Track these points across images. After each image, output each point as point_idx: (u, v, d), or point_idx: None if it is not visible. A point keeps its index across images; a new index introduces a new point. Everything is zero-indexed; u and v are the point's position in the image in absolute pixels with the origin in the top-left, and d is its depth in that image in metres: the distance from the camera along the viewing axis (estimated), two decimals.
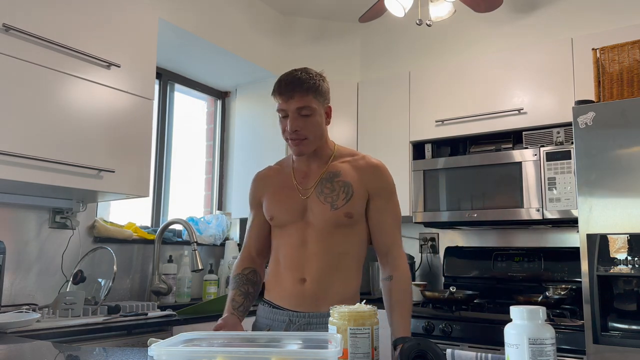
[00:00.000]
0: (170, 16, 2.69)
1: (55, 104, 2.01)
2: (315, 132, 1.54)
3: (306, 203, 1.55)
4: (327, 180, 1.55)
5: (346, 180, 1.54)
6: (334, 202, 1.52)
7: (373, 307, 1.04)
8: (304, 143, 1.53)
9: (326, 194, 1.54)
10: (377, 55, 3.55)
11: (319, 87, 1.54)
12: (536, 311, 0.87)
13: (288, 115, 1.51)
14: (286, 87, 1.51)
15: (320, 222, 1.53)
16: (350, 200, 1.52)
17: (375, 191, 1.56)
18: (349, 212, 1.51)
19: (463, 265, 3.05)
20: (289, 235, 1.56)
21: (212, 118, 3.63)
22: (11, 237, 2.23)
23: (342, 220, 1.52)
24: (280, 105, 1.53)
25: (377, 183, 1.56)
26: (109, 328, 1.92)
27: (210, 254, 3.21)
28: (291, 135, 1.52)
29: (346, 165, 1.58)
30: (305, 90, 1.50)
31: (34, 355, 1.33)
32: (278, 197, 1.59)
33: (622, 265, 2.01)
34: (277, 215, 1.58)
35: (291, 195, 1.57)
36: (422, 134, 3.06)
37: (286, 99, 1.50)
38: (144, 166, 2.33)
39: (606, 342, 2.00)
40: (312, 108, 1.52)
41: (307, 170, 1.61)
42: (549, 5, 2.97)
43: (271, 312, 1.56)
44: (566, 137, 2.60)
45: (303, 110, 1.50)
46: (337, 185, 1.54)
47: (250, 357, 0.82)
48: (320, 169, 1.59)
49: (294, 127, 1.50)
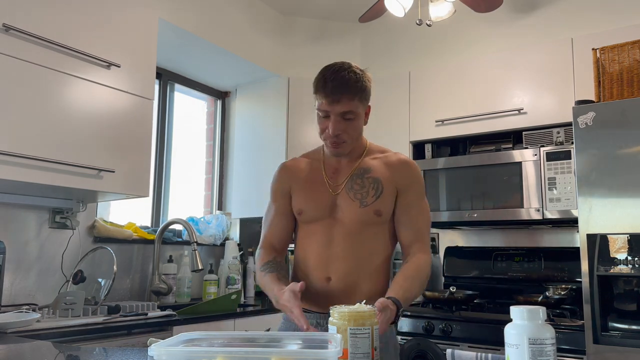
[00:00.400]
0: (170, 16, 2.69)
1: (55, 104, 2.01)
2: (355, 135, 1.51)
3: (335, 199, 1.51)
4: (358, 177, 1.52)
5: (376, 177, 1.51)
6: (363, 198, 1.49)
7: (373, 307, 1.04)
8: (342, 146, 1.49)
9: (356, 190, 1.50)
10: (377, 55, 3.55)
11: (365, 90, 1.48)
12: (536, 311, 0.87)
13: (329, 117, 1.45)
14: (333, 90, 1.42)
15: (348, 219, 1.49)
16: (380, 197, 1.49)
17: (404, 187, 1.52)
18: (378, 210, 1.48)
19: (463, 265, 3.05)
20: (315, 233, 1.52)
21: (212, 118, 3.63)
22: (11, 237, 2.23)
23: (371, 217, 1.48)
24: (322, 106, 1.45)
25: (406, 179, 1.53)
26: (109, 328, 1.92)
27: (210, 254, 3.21)
28: (332, 138, 1.47)
29: (377, 161, 1.55)
30: (352, 94, 1.43)
31: (34, 355, 1.33)
32: (308, 191, 1.54)
33: (622, 265, 2.01)
34: (307, 210, 1.53)
35: (321, 191, 1.53)
36: (422, 134, 3.06)
37: (331, 101, 1.43)
38: (144, 166, 2.33)
39: (606, 342, 2.00)
40: (356, 113, 1.46)
41: (337, 165, 1.56)
42: (549, 5, 2.97)
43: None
44: (566, 137, 2.60)
45: (347, 115, 1.45)
46: (367, 181, 1.51)
47: (250, 357, 0.82)
48: (351, 165, 1.55)
49: (336, 131, 1.45)
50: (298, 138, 3.25)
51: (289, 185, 1.59)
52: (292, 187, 1.58)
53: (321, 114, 1.47)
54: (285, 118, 3.28)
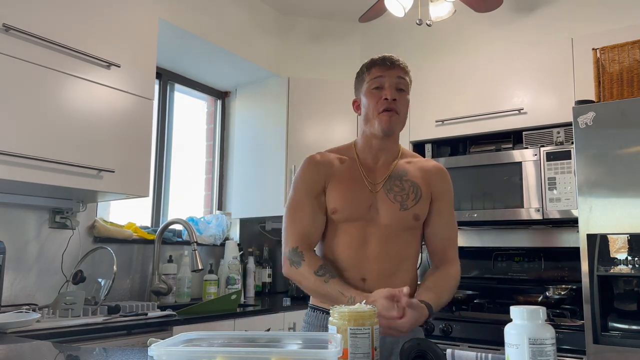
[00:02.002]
0: (170, 16, 2.69)
1: (55, 104, 2.01)
2: (405, 111, 1.51)
3: (374, 199, 1.46)
4: (397, 178, 1.48)
5: (415, 181, 1.48)
6: (404, 201, 1.45)
7: (373, 307, 1.04)
8: (395, 119, 1.46)
9: (396, 192, 1.46)
10: (377, 55, 3.54)
11: (410, 75, 1.55)
12: (536, 311, 0.87)
13: (383, 87, 1.47)
14: (389, 59, 1.49)
15: (387, 221, 1.44)
16: (420, 201, 1.46)
17: (439, 194, 1.51)
18: (417, 214, 1.46)
19: (463, 265, 3.01)
20: (348, 233, 1.45)
21: (212, 118, 3.63)
22: (11, 237, 2.23)
23: (409, 222, 1.45)
24: (376, 74, 1.48)
25: (441, 186, 1.52)
26: (109, 328, 1.92)
27: (210, 254, 3.21)
28: (389, 104, 1.44)
29: (412, 166, 1.53)
30: (404, 68, 1.51)
31: (34, 355, 1.33)
32: (345, 188, 1.46)
33: (622, 265, 2.01)
34: (343, 209, 1.44)
35: (359, 189, 1.46)
36: (422, 134, 3.06)
37: (387, 67, 1.47)
38: (144, 166, 2.33)
39: (606, 342, 2.00)
40: (407, 84, 1.51)
41: (373, 164, 1.51)
42: (549, 5, 2.97)
43: (321, 318, 1.46)
44: (566, 137, 2.60)
45: (401, 83, 1.48)
46: (407, 184, 1.47)
47: (250, 357, 0.82)
48: (387, 165, 1.50)
49: (394, 95, 1.45)
50: (298, 138, 3.25)
51: (324, 181, 1.48)
52: (328, 183, 1.48)
53: (374, 86, 1.48)
54: (285, 118, 3.28)
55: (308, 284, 1.41)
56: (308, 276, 1.40)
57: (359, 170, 1.49)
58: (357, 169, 1.50)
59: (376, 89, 1.47)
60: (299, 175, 1.51)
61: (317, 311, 1.48)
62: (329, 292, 1.36)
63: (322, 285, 1.38)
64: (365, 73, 1.51)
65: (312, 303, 1.52)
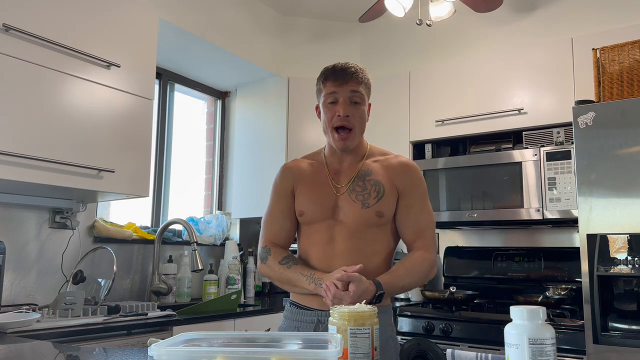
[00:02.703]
0: (170, 16, 2.69)
1: (55, 104, 2.01)
2: (361, 124, 1.55)
3: (337, 201, 1.54)
4: (360, 179, 1.55)
5: (377, 179, 1.54)
6: (365, 200, 1.51)
7: (373, 307, 1.04)
8: (350, 137, 1.52)
9: (358, 192, 1.53)
10: (377, 55, 3.55)
11: (368, 82, 1.57)
12: (536, 311, 0.87)
13: (337, 102, 1.51)
14: (341, 73, 1.52)
15: (350, 220, 1.51)
16: (382, 199, 1.52)
17: (405, 189, 1.55)
18: (379, 211, 1.51)
19: (463, 265, 3.05)
20: (317, 233, 1.54)
21: (212, 118, 3.63)
22: (11, 237, 2.23)
23: (372, 219, 1.51)
24: (330, 89, 1.52)
25: (406, 181, 1.56)
26: (109, 328, 1.92)
27: (210, 254, 3.21)
28: (342, 121, 1.50)
29: (378, 164, 1.58)
30: (358, 80, 1.53)
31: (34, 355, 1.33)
32: (311, 192, 1.56)
33: (622, 265, 2.01)
34: (308, 211, 1.55)
35: (324, 192, 1.55)
36: (422, 134, 3.06)
37: (340, 83, 1.51)
38: (143, 166, 2.33)
39: (606, 342, 2.00)
40: (362, 96, 1.53)
41: (339, 167, 1.59)
42: (549, 5, 2.97)
43: (299, 313, 1.53)
44: (566, 137, 2.60)
45: (355, 96, 1.52)
46: (369, 184, 1.53)
47: (250, 357, 0.82)
48: (353, 167, 1.58)
49: (347, 111, 1.50)
50: (298, 138, 3.25)
51: (293, 185, 1.60)
52: (296, 188, 1.60)
53: (329, 101, 1.53)
54: (285, 118, 3.28)
55: (274, 274, 1.53)
56: (273, 266, 1.53)
57: (326, 173, 1.59)
58: (324, 173, 1.59)
59: (331, 103, 1.53)
60: (274, 182, 1.65)
61: (293, 306, 1.56)
62: (291, 276, 1.49)
63: (285, 272, 1.50)
64: (321, 84, 1.57)
65: (291, 299, 1.60)
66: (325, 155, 1.63)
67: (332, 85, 1.52)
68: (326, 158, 1.62)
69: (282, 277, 1.51)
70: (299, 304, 1.55)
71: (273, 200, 1.63)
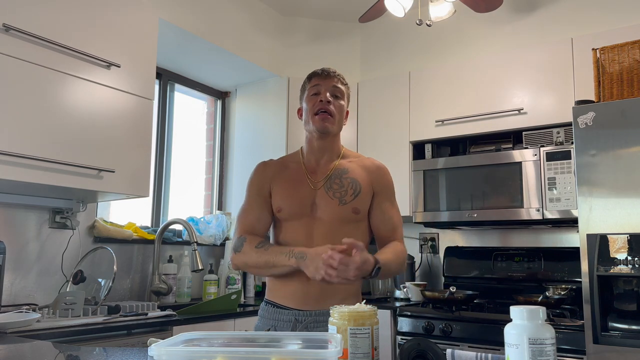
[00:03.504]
0: (170, 16, 2.69)
1: (55, 104, 2.01)
2: (340, 116, 1.63)
3: (314, 198, 1.58)
4: (336, 177, 1.60)
5: (354, 178, 1.60)
6: (342, 197, 1.57)
7: (373, 307, 1.04)
8: (330, 120, 1.59)
9: (335, 189, 1.58)
10: (377, 55, 3.55)
11: (348, 89, 1.69)
12: (536, 311, 0.87)
13: (320, 93, 1.61)
14: (326, 71, 1.64)
15: (327, 216, 1.55)
16: (358, 196, 1.58)
17: (380, 189, 1.63)
18: (356, 208, 1.57)
19: (463, 265, 3.05)
20: (295, 230, 1.57)
21: (212, 118, 3.63)
22: (11, 237, 2.23)
23: (349, 215, 1.56)
24: (315, 82, 1.63)
25: (382, 182, 1.65)
26: (109, 328, 1.92)
27: (210, 254, 3.21)
28: (323, 105, 1.58)
29: (353, 164, 1.65)
30: (340, 81, 1.65)
31: (34, 355, 1.33)
32: (289, 189, 1.60)
33: (622, 265, 2.01)
34: (286, 207, 1.58)
35: (302, 188, 1.60)
36: (422, 134, 3.06)
37: (324, 77, 1.63)
38: (144, 166, 2.33)
39: (606, 342, 2.00)
40: (343, 93, 1.65)
41: (315, 165, 1.65)
42: (549, 5, 2.97)
43: (275, 312, 1.55)
44: (566, 137, 2.60)
45: (337, 90, 1.62)
46: (346, 181, 1.59)
47: (250, 357, 0.82)
48: (329, 166, 1.64)
49: (328, 98, 1.59)
50: (298, 138, 3.25)
51: (269, 183, 1.64)
52: (272, 185, 1.63)
53: (312, 93, 1.63)
54: (285, 118, 3.28)
55: (251, 260, 1.52)
56: (250, 252, 1.53)
57: (303, 171, 1.64)
58: (301, 171, 1.64)
59: (314, 94, 1.63)
60: (249, 179, 1.68)
61: (269, 305, 1.59)
62: (269, 257, 1.49)
63: (262, 254, 1.51)
64: (306, 83, 1.68)
65: (267, 298, 1.62)
66: (303, 154, 1.68)
67: (317, 79, 1.63)
68: (303, 157, 1.67)
69: (260, 260, 1.51)
70: (276, 302, 1.57)
71: (248, 195, 1.65)
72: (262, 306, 1.62)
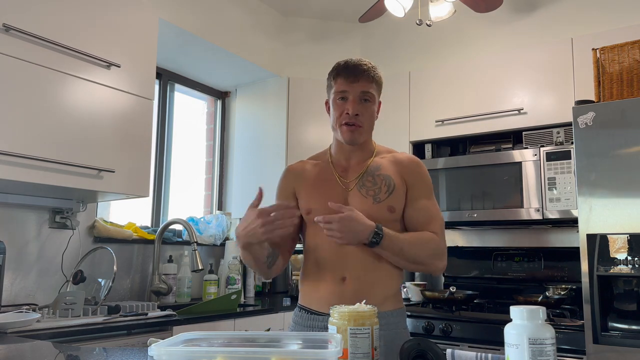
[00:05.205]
0: (170, 16, 2.69)
1: (56, 104, 2.01)
2: (370, 122, 1.54)
3: (347, 197, 1.50)
4: (369, 174, 1.52)
5: (387, 174, 1.52)
6: (376, 195, 1.48)
7: (373, 307, 1.04)
8: (359, 131, 1.50)
9: (368, 187, 1.49)
10: (377, 55, 3.54)
11: (379, 79, 1.55)
12: (536, 311, 0.87)
13: (347, 99, 1.49)
14: (353, 70, 1.50)
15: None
16: (393, 193, 1.49)
17: (413, 182, 1.53)
18: (391, 206, 1.48)
19: (463, 265, 3.05)
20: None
21: (212, 118, 3.63)
22: (11, 237, 2.23)
23: (384, 214, 1.47)
24: (341, 87, 1.50)
25: (414, 175, 1.54)
26: (109, 328, 1.92)
27: (210, 254, 3.21)
28: (350, 119, 1.48)
29: (385, 160, 1.56)
30: (370, 78, 1.51)
31: (34, 355, 1.33)
32: (317, 189, 1.53)
33: (622, 265, 2.01)
34: (316, 208, 1.48)
35: (332, 188, 1.52)
36: (422, 134, 3.06)
37: (352, 81, 1.49)
38: (144, 166, 2.33)
39: (606, 342, 2.00)
40: (372, 95, 1.52)
41: (346, 164, 1.56)
42: (549, 5, 2.97)
43: (309, 318, 1.49)
44: (566, 137, 2.60)
45: (366, 95, 1.50)
46: (379, 178, 1.51)
47: (250, 357, 0.82)
48: (361, 164, 1.55)
49: (355, 110, 1.48)
50: (298, 138, 3.25)
51: (293, 187, 1.58)
52: (297, 188, 1.57)
53: (339, 97, 1.51)
54: (285, 118, 3.28)
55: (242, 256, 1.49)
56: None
57: (332, 171, 1.56)
58: (330, 170, 1.56)
59: (341, 99, 1.51)
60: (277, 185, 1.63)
61: (303, 311, 1.52)
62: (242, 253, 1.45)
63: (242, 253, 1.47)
64: (332, 80, 1.55)
65: (300, 303, 1.56)
66: (332, 153, 1.60)
67: (343, 82, 1.50)
68: (332, 157, 1.59)
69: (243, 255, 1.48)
70: (310, 308, 1.50)
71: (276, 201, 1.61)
72: (296, 312, 1.55)
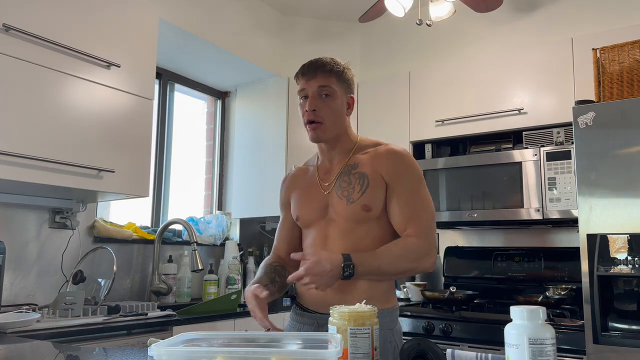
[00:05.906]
0: (170, 16, 2.69)
1: (56, 104, 2.01)
2: (333, 117, 1.48)
3: (327, 200, 1.51)
4: (345, 174, 1.50)
5: (362, 172, 1.47)
6: (349, 195, 1.46)
7: (373, 307, 1.04)
8: (320, 128, 1.47)
9: (343, 187, 1.47)
10: (377, 55, 3.55)
11: (342, 73, 1.51)
12: (536, 311, 0.87)
13: (308, 97, 1.48)
14: (309, 67, 1.49)
15: (340, 218, 1.47)
16: (366, 191, 1.44)
17: (392, 177, 1.45)
18: (365, 205, 1.43)
19: (463, 265, 3.05)
20: (312, 235, 1.53)
21: (212, 118, 3.63)
22: (11, 237, 2.23)
23: (360, 214, 1.44)
24: (301, 85, 1.50)
25: (393, 169, 1.46)
26: (109, 328, 1.92)
27: (210, 254, 3.21)
28: (309, 116, 1.46)
29: (366, 156, 1.51)
30: (328, 72, 1.48)
31: (34, 355, 1.33)
32: (304, 196, 1.57)
33: (622, 265, 2.01)
34: (301, 214, 1.55)
35: (315, 194, 1.54)
36: (422, 134, 3.06)
37: (308, 78, 1.48)
38: (143, 166, 2.33)
39: (606, 342, 2.00)
40: (333, 89, 1.48)
41: (329, 166, 1.56)
42: (549, 5, 2.97)
43: (301, 315, 1.53)
44: (566, 137, 2.60)
45: (324, 90, 1.47)
46: (354, 177, 1.47)
47: (250, 357, 0.82)
48: (341, 163, 1.53)
49: (312, 106, 1.46)
50: (298, 138, 3.25)
51: (288, 196, 1.64)
52: (291, 197, 1.62)
53: (301, 97, 1.51)
54: (285, 118, 3.28)
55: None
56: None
57: (316, 175, 1.58)
58: (314, 175, 1.58)
59: (303, 98, 1.52)
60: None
61: (296, 307, 1.58)
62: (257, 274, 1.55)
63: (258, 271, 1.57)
64: (296, 82, 1.55)
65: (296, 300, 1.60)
66: (318, 157, 1.62)
67: (302, 80, 1.50)
68: (318, 160, 1.61)
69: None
70: (302, 306, 1.54)
71: (280, 212, 1.69)
72: (293, 308, 1.60)
